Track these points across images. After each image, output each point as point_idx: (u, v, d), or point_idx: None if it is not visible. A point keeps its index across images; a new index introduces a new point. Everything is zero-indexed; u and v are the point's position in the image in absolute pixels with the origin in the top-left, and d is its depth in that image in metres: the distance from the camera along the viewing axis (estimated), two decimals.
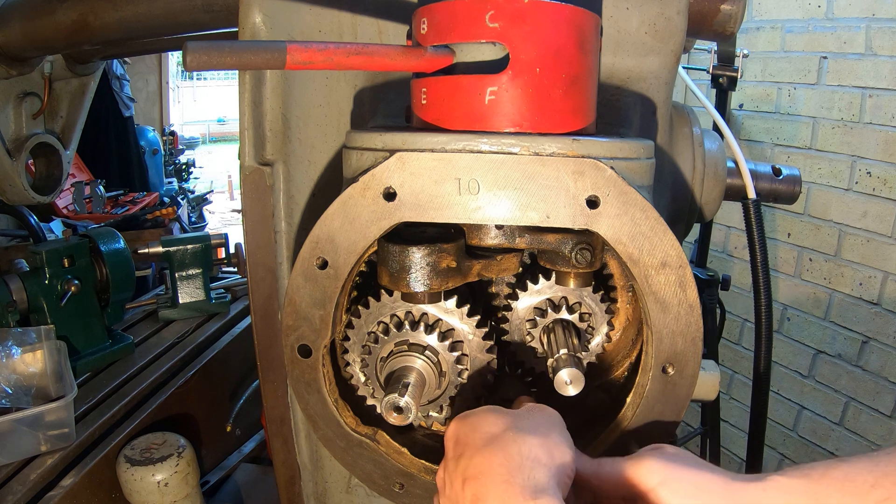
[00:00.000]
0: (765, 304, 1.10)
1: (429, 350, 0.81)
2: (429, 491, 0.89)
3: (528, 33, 0.68)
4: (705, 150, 1.13)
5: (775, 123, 3.19)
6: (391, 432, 0.89)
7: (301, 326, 0.79)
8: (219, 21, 1.27)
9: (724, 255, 3.57)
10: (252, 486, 2.11)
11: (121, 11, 1.38)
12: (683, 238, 1.20)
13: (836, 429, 3.11)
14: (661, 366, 0.76)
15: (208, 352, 2.26)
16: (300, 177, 1.07)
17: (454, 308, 0.82)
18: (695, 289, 0.72)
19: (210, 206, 9.09)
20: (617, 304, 0.92)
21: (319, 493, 1.21)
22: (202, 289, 2.50)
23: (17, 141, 1.89)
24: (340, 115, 1.06)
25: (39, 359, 1.75)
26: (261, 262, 1.12)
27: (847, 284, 2.99)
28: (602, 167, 0.67)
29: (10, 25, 1.58)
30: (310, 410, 0.85)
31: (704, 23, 1.01)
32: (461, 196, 0.69)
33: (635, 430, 0.81)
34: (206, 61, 0.60)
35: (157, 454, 1.64)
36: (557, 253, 0.78)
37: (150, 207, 4.54)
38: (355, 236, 0.73)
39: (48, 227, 3.35)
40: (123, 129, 5.82)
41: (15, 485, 1.48)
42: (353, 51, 0.66)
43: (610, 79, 0.98)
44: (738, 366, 3.58)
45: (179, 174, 7.96)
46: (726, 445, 3.57)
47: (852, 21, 2.82)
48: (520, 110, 0.70)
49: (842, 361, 3.05)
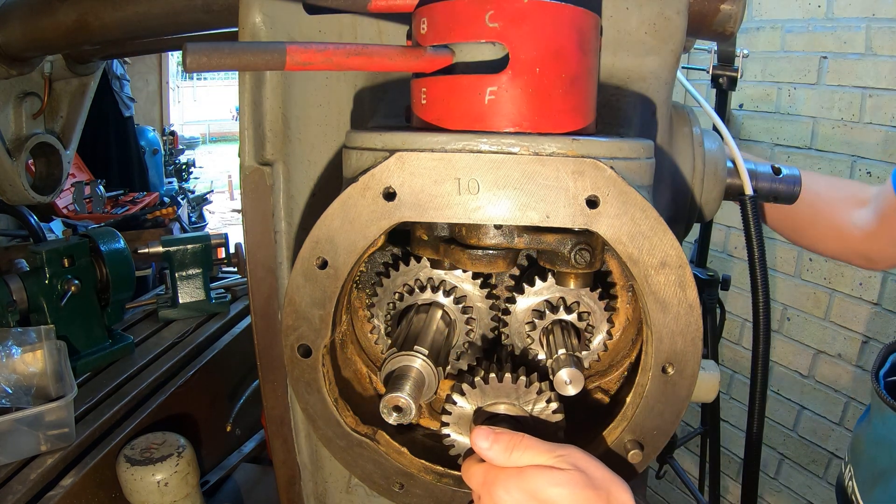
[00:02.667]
0: (763, 301, 1.10)
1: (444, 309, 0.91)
2: (429, 491, 0.89)
3: (528, 33, 0.68)
4: (705, 150, 1.13)
5: (775, 123, 3.19)
6: (391, 432, 0.89)
7: (301, 326, 0.79)
8: (219, 21, 1.28)
9: (724, 255, 3.57)
10: (252, 486, 2.11)
11: (121, 11, 1.38)
12: (683, 238, 1.20)
13: (836, 429, 3.11)
14: (660, 366, 0.76)
15: (208, 352, 2.26)
16: (300, 177, 1.07)
17: (465, 276, 0.92)
18: (695, 289, 0.72)
19: (210, 206, 9.10)
20: (617, 304, 0.92)
21: (319, 493, 1.21)
22: (202, 289, 2.50)
23: (17, 141, 1.89)
24: (340, 114, 1.06)
25: (39, 359, 1.75)
26: (261, 262, 1.12)
27: (847, 284, 2.99)
28: (602, 167, 0.67)
29: (10, 25, 1.58)
30: (310, 410, 0.85)
31: (704, 23, 1.01)
32: (461, 196, 0.69)
33: (635, 430, 0.81)
34: (206, 62, 0.60)
35: (157, 454, 1.64)
36: (557, 253, 0.78)
37: (150, 207, 4.55)
38: (355, 236, 0.73)
39: (48, 227, 3.36)
40: (123, 129, 5.82)
41: (15, 485, 1.48)
42: (353, 51, 0.66)
43: (610, 79, 0.98)
44: (738, 366, 3.58)
45: (179, 174, 7.97)
46: (726, 445, 3.57)
47: (852, 21, 2.82)
48: (520, 110, 0.70)
49: (842, 361, 3.06)
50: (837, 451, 3.12)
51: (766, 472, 3.46)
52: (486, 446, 0.72)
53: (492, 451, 0.71)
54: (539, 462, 0.70)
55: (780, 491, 3.43)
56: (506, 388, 0.83)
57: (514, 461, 0.71)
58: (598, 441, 0.85)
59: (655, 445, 0.81)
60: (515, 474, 0.70)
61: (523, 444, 0.71)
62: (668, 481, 3.90)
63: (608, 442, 0.84)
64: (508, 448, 0.71)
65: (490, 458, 0.72)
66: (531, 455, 0.71)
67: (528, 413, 0.84)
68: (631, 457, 0.81)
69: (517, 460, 0.71)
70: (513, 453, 0.71)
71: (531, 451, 0.71)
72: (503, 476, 0.71)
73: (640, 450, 0.81)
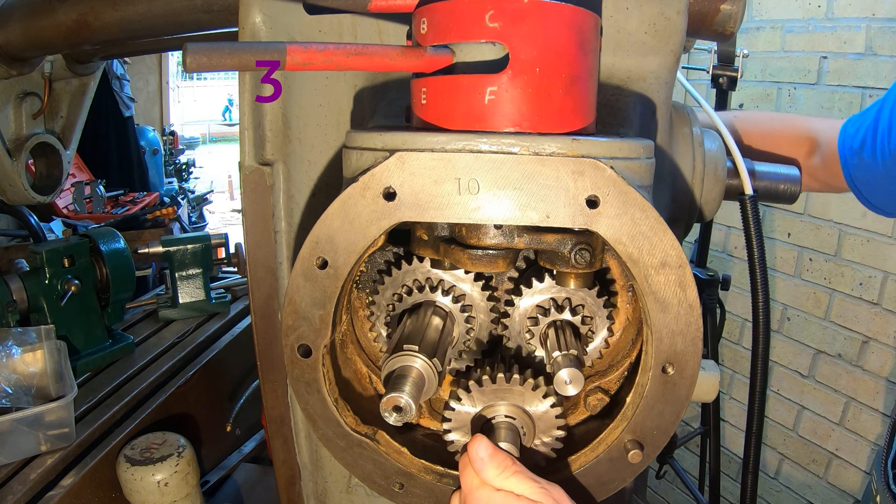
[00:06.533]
0: (763, 301, 1.10)
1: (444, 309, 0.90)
2: (429, 491, 0.89)
3: (527, 33, 0.68)
4: (705, 150, 1.13)
5: None
6: (391, 432, 0.89)
7: (301, 326, 0.79)
8: (219, 21, 1.28)
9: (724, 254, 3.57)
10: (252, 486, 2.11)
11: (121, 11, 1.38)
12: (683, 238, 1.20)
13: (836, 429, 3.12)
14: (660, 366, 0.76)
15: (208, 352, 2.26)
16: (300, 177, 1.07)
17: (465, 276, 0.91)
18: (695, 289, 0.72)
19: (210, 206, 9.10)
20: (617, 305, 0.92)
21: (319, 493, 1.21)
22: (202, 289, 2.50)
23: (18, 141, 1.89)
24: (340, 114, 1.06)
25: (39, 359, 1.75)
26: (261, 262, 1.12)
27: (847, 284, 2.99)
28: (602, 167, 0.67)
29: (10, 25, 1.58)
30: (310, 410, 0.85)
31: (704, 23, 1.01)
32: (461, 196, 0.69)
33: (635, 429, 0.81)
34: (206, 62, 0.60)
35: (157, 454, 1.64)
36: (557, 253, 0.78)
37: (150, 207, 4.55)
38: (355, 236, 0.73)
39: (48, 227, 3.36)
40: (123, 129, 5.83)
41: (15, 484, 1.48)
42: (353, 51, 0.66)
43: (610, 79, 0.98)
44: (738, 366, 3.58)
45: (179, 174, 7.97)
46: (726, 445, 3.58)
47: (852, 21, 2.82)
48: (519, 110, 0.70)
49: (842, 361, 3.06)
50: (837, 451, 3.13)
51: (766, 472, 3.46)
52: (482, 458, 0.76)
53: (485, 466, 0.76)
54: (522, 491, 0.74)
55: (780, 491, 3.43)
56: (506, 388, 0.83)
57: (500, 482, 0.75)
58: (598, 441, 0.85)
59: (655, 445, 0.81)
60: (501, 498, 0.75)
61: (513, 469, 0.76)
62: (668, 481, 3.90)
63: (608, 442, 0.84)
64: (500, 468, 0.75)
65: (480, 470, 0.76)
66: (516, 482, 0.75)
67: (528, 413, 0.84)
68: (631, 457, 0.81)
69: (503, 482, 0.75)
70: (502, 473, 0.75)
71: (518, 477, 0.75)
72: (488, 493, 0.76)
73: (640, 450, 0.81)
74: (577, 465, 0.86)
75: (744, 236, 1.12)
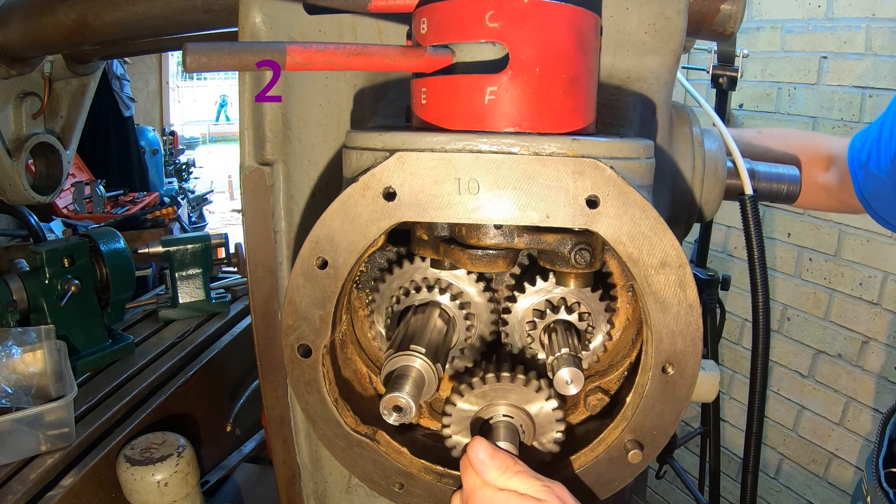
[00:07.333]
0: (762, 301, 1.10)
1: (444, 309, 0.90)
2: (429, 491, 0.89)
3: (527, 33, 0.68)
4: (705, 150, 1.13)
5: (775, 123, 3.19)
6: (391, 432, 0.89)
7: (301, 326, 0.79)
8: (219, 21, 1.28)
9: (724, 254, 3.57)
10: (252, 486, 2.11)
11: (121, 11, 1.38)
12: (683, 238, 1.20)
13: (836, 429, 3.12)
14: (660, 365, 0.76)
15: (208, 352, 2.26)
16: (300, 177, 1.07)
17: (465, 276, 0.92)
18: (695, 289, 0.72)
19: (210, 206, 9.10)
20: (617, 304, 0.92)
21: (319, 493, 1.21)
22: (202, 289, 2.50)
23: (17, 141, 1.89)
24: (340, 114, 1.06)
25: (39, 359, 1.75)
26: (261, 262, 1.12)
27: (847, 284, 2.99)
28: (602, 167, 0.67)
29: (11, 25, 1.58)
30: (310, 410, 0.85)
31: (704, 23, 1.01)
32: (461, 196, 0.69)
33: (635, 429, 0.81)
34: (206, 62, 0.60)
35: (157, 454, 1.64)
36: (557, 253, 0.78)
37: (150, 207, 4.55)
38: (355, 236, 0.73)
39: (48, 227, 3.36)
40: (123, 129, 5.83)
41: (15, 484, 1.48)
42: (353, 51, 0.66)
43: (610, 79, 0.98)
44: (738, 366, 3.58)
45: (179, 174, 7.97)
46: (726, 445, 3.58)
47: (852, 21, 2.82)
48: (519, 110, 0.70)
49: (842, 361, 3.06)
50: (837, 451, 3.13)
51: (766, 472, 3.46)
52: (482, 461, 0.76)
53: (487, 468, 0.75)
54: (525, 490, 0.74)
55: (780, 491, 3.43)
56: (506, 388, 0.83)
57: (503, 482, 0.75)
58: (598, 441, 0.85)
59: (655, 445, 0.81)
60: (504, 497, 0.74)
61: (515, 468, 0.75)
62: (668, 481, 3.90)
63: (608, 442, 0.84)
64: (501, 468, 0.75)
65: (482, 472, 0.76)
66: (519, 481, 0.75)
67: (528, 412, 0.84)
68: (631, 457, 0.81)
69: (506, 482, 0.75)
70: (504, 474, 0.75)
71: (520, 477, 0.75)
72: (491, 493, 0.75)
73: (640, 450, 0.81)
74: (577, 465, 0.86)
75: (744, 236, 1.12)
